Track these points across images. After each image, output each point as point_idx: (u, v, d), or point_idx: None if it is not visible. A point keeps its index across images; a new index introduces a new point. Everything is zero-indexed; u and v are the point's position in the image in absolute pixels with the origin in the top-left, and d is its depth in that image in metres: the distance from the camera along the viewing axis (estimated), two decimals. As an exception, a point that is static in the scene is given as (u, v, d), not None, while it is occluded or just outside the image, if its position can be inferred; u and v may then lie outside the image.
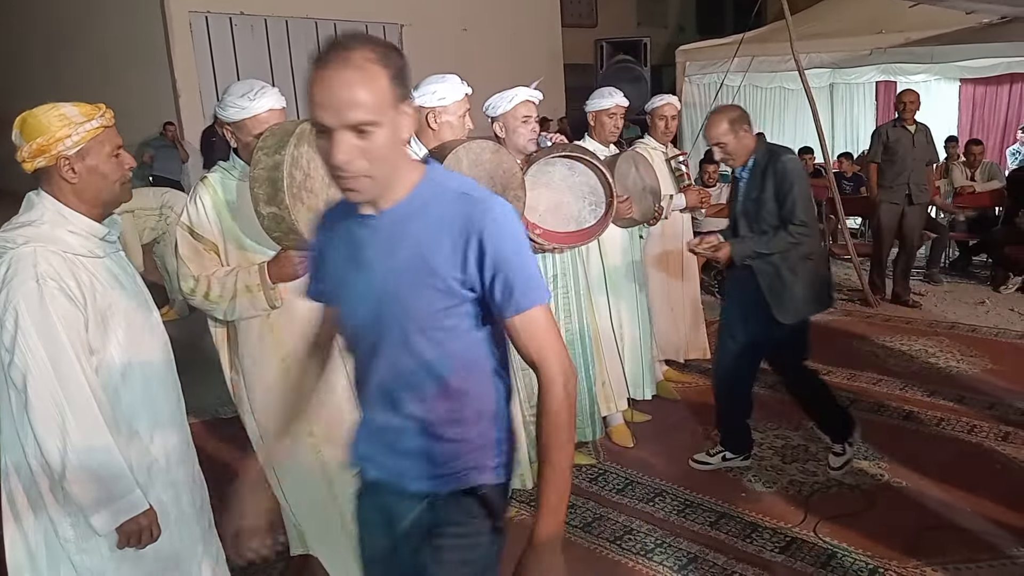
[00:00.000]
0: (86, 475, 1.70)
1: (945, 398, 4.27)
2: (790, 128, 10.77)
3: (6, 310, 1.68)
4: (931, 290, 6.63)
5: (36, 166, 1.77)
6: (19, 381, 1.69)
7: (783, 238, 3.14)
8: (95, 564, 1.84)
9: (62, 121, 1.74)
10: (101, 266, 1.83)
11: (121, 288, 1.87)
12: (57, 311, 1.69)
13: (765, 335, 3.30)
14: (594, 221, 3.19)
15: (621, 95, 3.91)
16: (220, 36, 10.07)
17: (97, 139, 1.78)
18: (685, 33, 17.36)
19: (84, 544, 1.82)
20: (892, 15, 8.09)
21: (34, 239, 1.73)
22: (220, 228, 2.34)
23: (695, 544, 3.00)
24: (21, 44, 12.75)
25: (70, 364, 1.70)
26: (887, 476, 3.45)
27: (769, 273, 3.23)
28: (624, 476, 3.56)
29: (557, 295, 3.40)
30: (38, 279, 1.68)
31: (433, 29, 11.72)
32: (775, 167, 3.14)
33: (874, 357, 5.01)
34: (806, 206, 3.14)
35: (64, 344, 1.70)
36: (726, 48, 8.61)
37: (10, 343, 1.68)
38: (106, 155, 1.81)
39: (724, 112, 3.24)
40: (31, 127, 1.74)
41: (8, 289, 1.68)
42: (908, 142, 6.07)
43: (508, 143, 3.20)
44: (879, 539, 2.96)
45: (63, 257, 1.74)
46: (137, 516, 1.78)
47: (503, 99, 3.16)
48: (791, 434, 3.90)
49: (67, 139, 1.74)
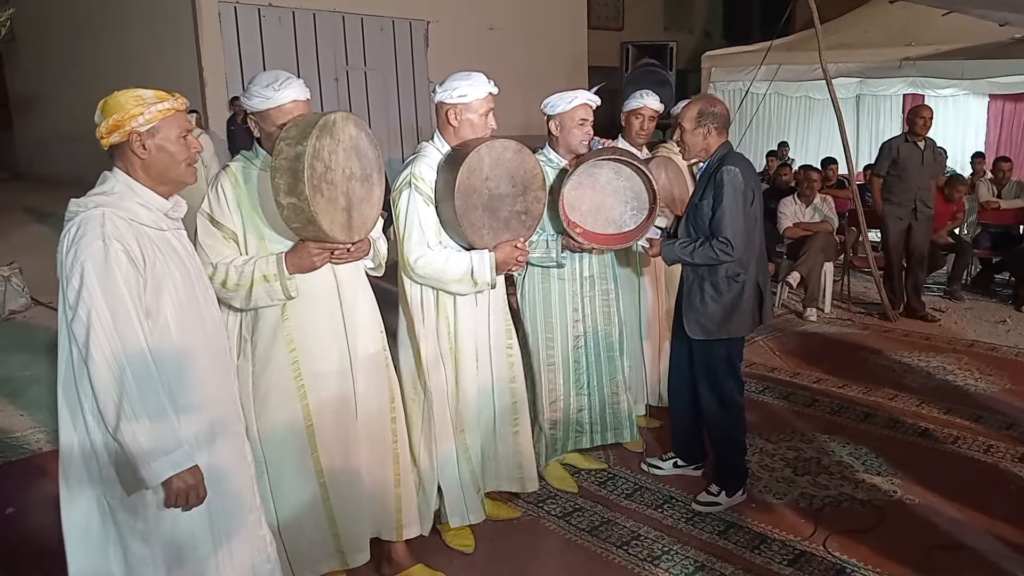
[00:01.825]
0: (139, 426, 1.78)
1: (962, 416, 4.22)
2: (814, 138, 10.71)
3: (73, 267, 1.79)
4: (952, 306, 6.56)
5: (111, 141, 1.90)
6: (80, 335, 1.78)
7: (707, 252, 3.03)
8: (140, 527, 1.91)
9: (137, 100, 1.89)
10: (162, 238, 1.95)
11: (180, 261, 1.98)
12: (120, 270, 1.80)
13: (688, 342, 3.24)
14: (634, 226, 3.20)
15: (653, 97, 3.88)
16: (248, 27, 10.14)
17: (167, 120, 1.92)
18: (711, 39, 17.30)
19: (132, 504, 1.90)
20: (922, 27, 8.01)
21: (104, 205, 1.86)
22: (240, 217, 2.36)
23: (702, 553, 2.98)
24: (49, 31, 12.91)
25: (129, 321, 1.80)
26: (900, 492, 3.41)
27: (690, 281, 3.18)
28: (633, 481, 3.54)
29: (595, 296, 3.40)
30: (104, 239, 1.80)
31: (459, 26, 11.75)
32: (716, 176, 3.04)
33: (891, 372, 4.96)
34: (734, 224, 2.99)
35: (126, 302, 1.80)
36: (753, 55, 8.55)
37: (74, 298, 1.78)
38: (175, 136, 1.94)
39: (703, 102, 3.17)
40: (110, 106, 1.89)
41: (76, 248, 1.80)
42: (918, 158, 6.02)
43: (561, 142, 3.26)
44: (889, 556, 2.92)
45: (128, 224, 1.86)
46: (184, 472, 1.84)
47: (563, 99, 3.20)
48: (803, 446, 3.87)
49: (140, 116, 1.88)
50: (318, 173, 2.14)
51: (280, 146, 2.15)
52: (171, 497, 1.85)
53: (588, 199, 3.16)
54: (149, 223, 1.92)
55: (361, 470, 2.57)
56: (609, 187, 3.17)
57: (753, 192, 3.09)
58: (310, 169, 2.10)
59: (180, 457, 1.84)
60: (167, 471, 1.82)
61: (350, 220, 2.29)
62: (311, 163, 2.11)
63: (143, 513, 1.91)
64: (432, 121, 2.87)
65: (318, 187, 2.14)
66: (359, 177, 2.32)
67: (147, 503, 1.90)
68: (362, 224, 2.35)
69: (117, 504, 1.90)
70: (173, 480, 1.83)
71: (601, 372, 3.49)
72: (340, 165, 2.24)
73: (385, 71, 11.53)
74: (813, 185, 6.68)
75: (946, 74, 8.13)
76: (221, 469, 2.02)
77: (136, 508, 1.90)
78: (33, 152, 14.22)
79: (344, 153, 2.25)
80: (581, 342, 3.40)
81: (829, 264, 6.45)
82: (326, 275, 2.42)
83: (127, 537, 1.92)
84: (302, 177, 2.09)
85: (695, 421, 3.45)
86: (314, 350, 2.44)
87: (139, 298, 1.84)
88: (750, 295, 3.16)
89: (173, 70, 9.92)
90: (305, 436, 2.46)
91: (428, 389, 2.83)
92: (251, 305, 2.34)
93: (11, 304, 6.36)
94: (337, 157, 2.22)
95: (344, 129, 2.25)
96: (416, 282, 2.77)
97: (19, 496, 3.45)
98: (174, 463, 1.83)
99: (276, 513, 2.47)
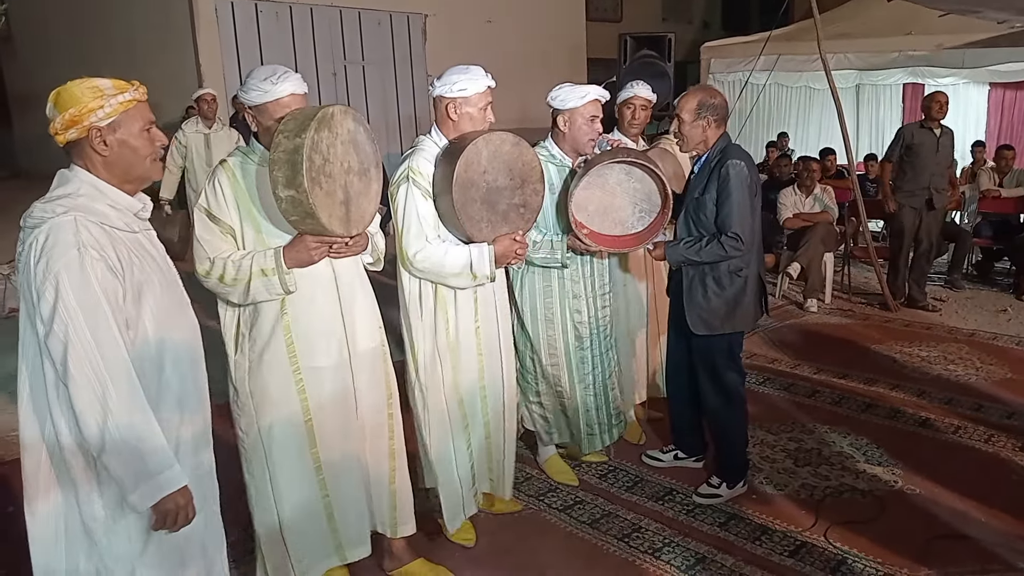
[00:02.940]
0: (127, 448, 1.67)
1: (963, 406, 4.22)
2: (815, 128, 10.67)
3: (46, 279, 1.65)
4: (952, 296, 6.55)
5: (68, 138, 1.76)
6: (58, 352, 1.65)
7: (715, 249, 2.99)
8: (122, 547, 1.80)
9: (94, 93, 1.74)
10: (135, 241, 1.82)
11: (155, 265, 1.87)
12: (98, 280, 1.68)
13: (687, 335, 3.23)
14: (641, 228, 3.11)
15: (644, 87, 3.84)
16: (245, 22, 10.10)
17: (129, 112, 1.78)
18: (710, 29, 17.24)
19: (113, 525, 1.79)
20: (921, 17, 7.97)
21: (73, 209, 1.71)
22: (238, 212, 2.35)
23: (703, 544, 2.99)
24: (47, 27, 12.87)
25: (111, 334, 1.68)
26: (900, 483, 3.41)
27: (691, 276, 3.14)
28: (634, 474, 3.55)
29: (595, 294, 3.36)
30: (79, 247, 1.66)
31: (457, 20, 11.70)
32: (720, 170, 3.00)
33: (892, 362, 4.96)
34: (742, 218, 2.98)
35: (106, 314, 1.68)
36: (752, 46, 8.52)
37: (49, 313, 1.65)
38: (138, 129, 1.80)
39: (702, 93, 3.11)
40: (64, 99, 1.74)
41: (48, 258, 1.65)
42: (932, 145, 5.97)
43: (567, 138, 3.15)
44: (890, 546, 2.93)
45: (102, 228, 1.73)
46: (174, 494, 1.74)
47: (574, 93, 3.08)
48: (804, 437, 3.87)
49: (99, 110, 1.74)
50: (316, 166, 2.13)
51: (278, 139, 2.14)
52: (159, 519, 1.75)
53: (596, 199, 3.08)
54: (121, 226, 1.79)
55: (360, 465, 2.57)
56: (619, 188, 3.09)
57: (755, 185, 3.07)
58: (308, 162, 2.09)
59: (170, 477, 1.73)
60: (157, 494, 1.71)
61: (348, 214, 2.28)
62: (310, 155, 2.10)
63: (126, 535, 1.79)
64: (430, 115, 2.86)
65: (316, 180, 2.13)
66: (357, 171, 2.31)
67: (131, 524, 1.79)
68: (360, 218, 2.34)
69: (92, 515, 1.77)
70: (163, 501, 1.72)
71: (604, 368, 3.47)
72: (338, 158, 2.23)
73: (383, 65, 11.49)
74: (813, 175, 6.66)
75: (946, 63, 8.09)
76: (203, 480, 1.95)
77: (117, 529, 1.79)
78: (32, 150, 14.19)
79: (342, 147, 2.24)
80: (586, 343, 3.31)
81: (829, 255, 6.44)
82: (324, 270, 2.41)
83: (105, 554, 1.79)
84: (300, 169, 2.08)
85: (695, 413, 3.45)
86: (313, 345, 2.43)
87: (119, 309, 1.72)
88: (752, 289, 3.16)
89: (170, 66, 9.90)
90: (304, 431, 2.45)
91: (424, 385, 2.83)
92: (249, 300, 2.34)
93: (11, 302, 6.36)
94: (335, 150, 2.21)
95: (342, 123, 2.24)
96: (415, 276, 2.77)
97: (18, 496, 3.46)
98: (165, 483, 1.72)
99: (277, 512, 2.47)
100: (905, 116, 9.52)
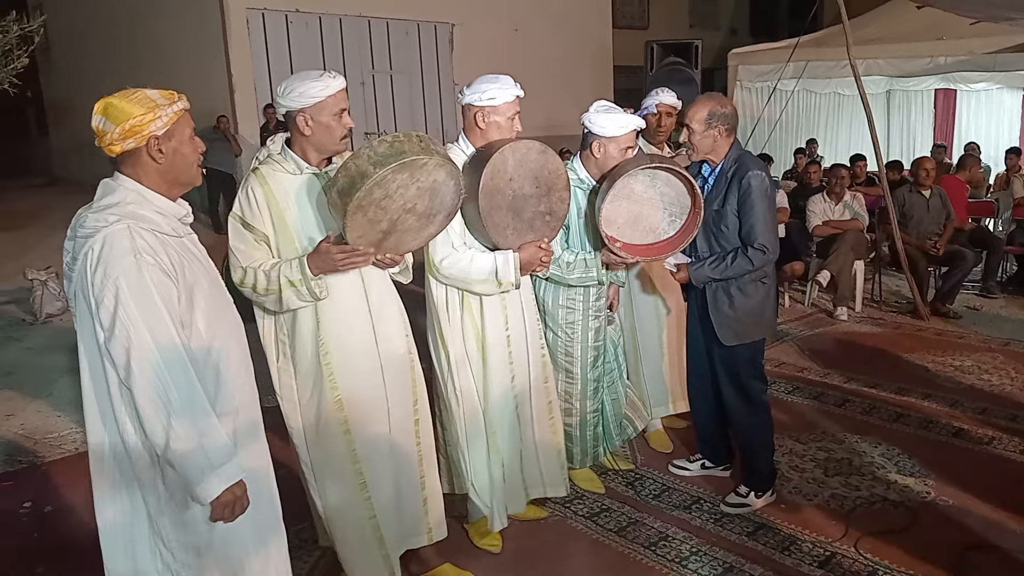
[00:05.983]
0: (191, 444, 1.74)
1: (997, 417, 4.14)
2: (844, 134, 10.59)
3: (104, 286, 1.72)
4: (986, 304, 6.44)
5: (125, 148, 1.81)
6: (120, 356, 1.72)
7: (742, 263, 2.95)
8: (188, 539, 1.88)
9: (149, 104, 1.81)
10: (182, 245, 1.90)
11: (202, 267, 1.94)
12: (155, 285, 1.75)
13: (709, 345, 3.21)
14: (673, 232, 3.06)
15: (669, 94, 3.83)
16: (276, 33, 10.26)
17: (180, 121, 1.86)
18: (738, 36, 17.16)
19: (179, 519, 1.86)
20: (951, 22, 7.88)
21: (125, 217, 1.78)
22: (271, 219, 2.38)
23: (731, 554, 2.96)
24: (83, 39, 13.16)
25: (170, 336, 1.75)
26: (933, 494, 3.36)
27: (713, 288, 3.10)
28: (661, 482, 3.53)
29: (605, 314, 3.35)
30: (135, 254, 1.73)
31: (484, 29, 11.77)
32: (740, 181, 2.95)
33: (924, 372, 4.89)
34: (768, 229, 2.95)
35: (164, 317, 1.75)
36: (780, 52, 8.48)
37: (109, 319, 1.72)
38: (188, 137, 1.89)
39: (712, 102, 3.06)
40: (118, 110, 1.80)
41: (105, 266, 1.72)
42: (923, 207, 6.38)
43: (599, 164, 3.07)
44: (922, 558, 2.88)
45: (153, 234, 1.80)
46: (233, 485, 1.81)
47: (615, 123, 2.99)
48: (834, 447, 3.83)
49: (157, 120, 1.81)
50: (373, 198, 2.16)
51: (363, 150, 2.16)
52: (218, 510, 1.82)
53: (624, 211, 3.02)
54: (169, 231, 1.86)
55: (395, 479, 2.59)
56: (645, 196, 3.04)
57: (773, 193, 3.08)
58: (366, 192, 2.12)
59: (231, 470, 1.81)
60: (223, 484, 1.79)
61: (382, 242, 2.32)
62: (371, 188, 2.13)
63: (193, 527, 1.88)
64: (457, 123, 2.88)
65: (364, 208, 2.16)
66: (419, 213, 2.33)
67: (196, 516, 1.87)
68: (394, 249, 2.38)
69: (159, 510, 1.86)
70: (223, 493, 1.80)
71: (615, 378, 3.45)
72: (404, 198, 2.24)
73: (411, 74, 11.60)
74: (843, 182, 6.59)
75: (978, 67, 7.99)
76: (257, 473, 2.01)
77: (184, 520, 1.87)
78: (68, 158, 14.51)
79: (416, 191, 2.25)
80: (600, 350, 3.29)
81: (860, 262, 6.37)
82: (354, 279, 2.44)
83: (173, 546, 1.88)
84: (354, 194, 2.12)
85: (720, 422, 3.43)
86: (346, 356, 2.46)
87: (176, 310, 1.80)
88: (773, 296, 3.18)
89: (204, 76, 10.07)
90: (343, 445, 2.48)
91: (457, 390, 2.85)
92: (284, 308, 2.37)
93: (48, 308, 6.53)
94: (405, 192, 2.22)
95: (431, 174, 2.26)
96: (441, 283, 2.79)
97: (55, 496, 3.53)
98: (226, 477, 1.80)
99: (328, 529, 2.56)
100: (936, 122, 9.40)
